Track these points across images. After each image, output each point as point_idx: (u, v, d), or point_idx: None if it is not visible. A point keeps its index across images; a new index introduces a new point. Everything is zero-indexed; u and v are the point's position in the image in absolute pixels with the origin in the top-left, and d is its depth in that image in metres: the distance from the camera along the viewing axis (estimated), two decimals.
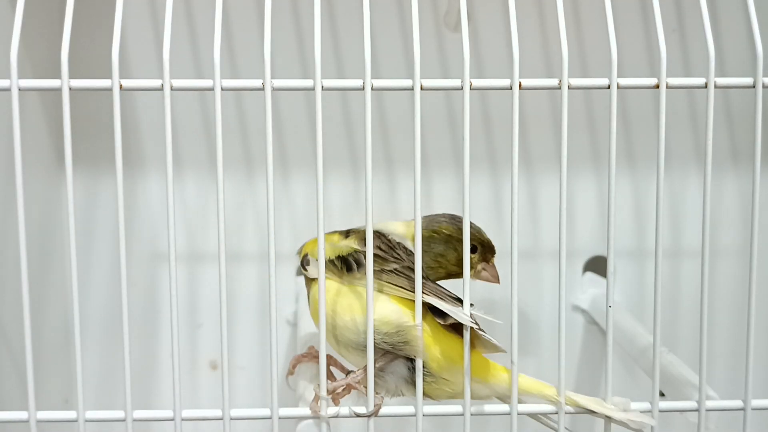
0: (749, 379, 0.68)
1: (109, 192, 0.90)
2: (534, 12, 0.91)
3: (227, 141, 0.74)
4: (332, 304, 0.69)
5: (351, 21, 0.90)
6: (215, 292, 0.73)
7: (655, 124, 0.65)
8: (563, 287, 0.65)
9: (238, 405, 0.67)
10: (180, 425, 0.66)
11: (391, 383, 0.68)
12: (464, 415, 0.67)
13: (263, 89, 0.63)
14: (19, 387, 0.77)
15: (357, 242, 0.71)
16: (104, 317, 0.92)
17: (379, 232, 0.72)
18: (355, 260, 0.70)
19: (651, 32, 0.91)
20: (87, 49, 0.83)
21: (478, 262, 0.74)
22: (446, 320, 0.68)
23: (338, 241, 0.72)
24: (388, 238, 0.73)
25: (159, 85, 0.63)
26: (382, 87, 0.64)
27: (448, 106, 0.92)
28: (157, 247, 0.93)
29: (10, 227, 0.69)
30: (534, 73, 0.68)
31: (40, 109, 0.87)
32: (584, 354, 0.96)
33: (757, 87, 0.65)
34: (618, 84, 0.64)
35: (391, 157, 0.93)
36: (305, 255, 0.73)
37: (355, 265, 0.70)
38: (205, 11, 0.90)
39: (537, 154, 0.93)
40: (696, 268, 0.84)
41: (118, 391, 0.74)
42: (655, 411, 0.67)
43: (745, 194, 0.94)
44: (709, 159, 0.66)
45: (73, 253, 0.64)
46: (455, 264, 0.73)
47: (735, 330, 0.94)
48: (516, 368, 0.66)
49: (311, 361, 0.75)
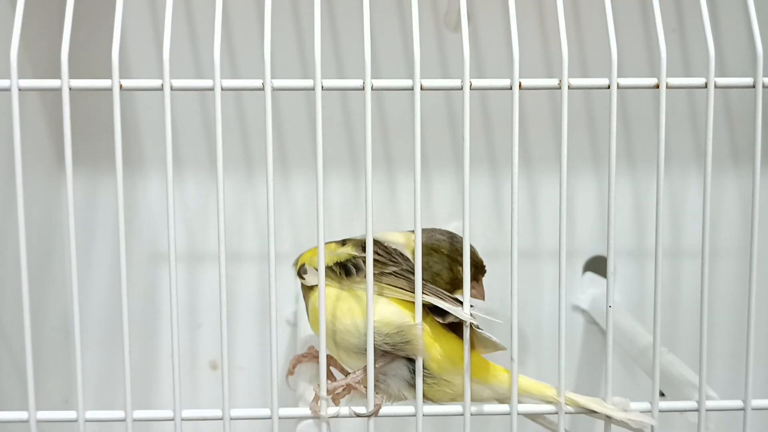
0: (749, 379, 0.68)
1: (109, 192, 0.90)
2: (534, 12, 0.91)
3: (227, 141, 0.74)
4: (332, 309, 0.69)
5: (351, 21, 0.90)
6: (215, 292, 0.73)
7: (655, 124, 0.65)
8: (563, 287, 0.65)
9: (238, 405, 0.67)
10: (180, 425, 0.66)
11: (393, 387, 0.68)
12: (464, 415, 0.67)
13: (263, 89, 0.63)
14: (19, 387, 0.77)
15: (354, 249, 0.72)
16: (104, 317, 0.92)
17: (376, 240, 0.73)
18: (354, 265, 0.70)
19: (651, 32, 0.91)
20: (87, 49, 0.83)
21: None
22: (445, 319, 0.68)
23: (335, 249, 0.73)
24: (384, 245, 0.73)
25: (159, 85, 0.63)
26: (382, 87, 0.64)
27: (448, 106, 0.92)
28: (157, 247, 0.93)
29: (10, 227, 0.69)
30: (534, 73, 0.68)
31: (40, 109, 0.87)
32: (584, 354, 0.96)
33: (757, 87, 0.65)
34: (618, 84, 0.64)
35: (391, 158, 0.93)
36: (302, 265, 0.73)
37: (354, 269, 0.70)
38: (205, 11, 0.90)
39: (537, 154, 0.93)
40: (696, 268, 0.84)
41: (118, 391, 0.74)
42: (655, 411, 0.67)
43: (745, 194, 0.94)
44: (709, 159, 0.66)
45: (73, 253, 0.64)
46: (448, 283, 0.73)
47: (735, 330, 0.94)
48: (516, 367, 0.66)
49: (311, 361, 0.75)
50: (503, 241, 0.70)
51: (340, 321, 0.69)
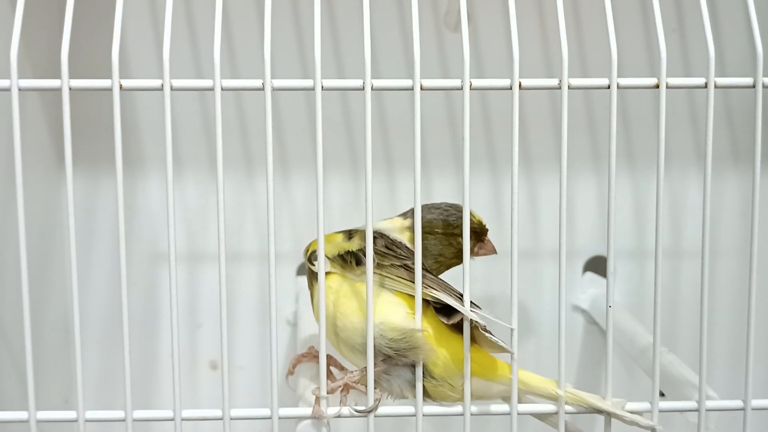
0: (749, 379, 0.68)
1: (109, 192, 0.90)
2: (534, 12, 0.91)
3: (227, 141, 0.74)
4: (338, 305, 0.69)
5: (351, 21, 0.90)
6: (215, 292, 0.73)
7: (655, 124, 0.65)
8: (563, 287, 0.65)
9: (238, 405, 0.67)
10: (180, 425, 0.66)
11: (395, 387, 0.68)
12: (464, 415, 0.67)
13: (263, 89, 0.63)
14: (19, 387, 0.77)
15: (362, 240, 0.71)
16: (104, 317, 0.92)
17: (380, 233, 0.73)
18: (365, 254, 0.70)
19: (651, 32, 0.91)
20: (87, 49, 0.83)
21: (473, 245, 0.74)
22: (450, 319, 0.67)
23: (343, 239, 0.73)
24: (390, 238, 0.73)
25: (159, 85, 0.63)
26: (382, 87, 0.64)
27: (448, 106, 0.92)
28: (157, 247, 0.93)
29: (10, 227, 0.69)
30: (534, 73, 0.68)
31: (40, 109, 0.87)
32: (584, 354, 0.96)
33: (757, 87, 0.65)
34: (618, 84, 0.64)
35: (391, 157, 0.93)
36: (313, 251, 0.72)
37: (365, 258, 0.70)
38: (205, 11, 0.90)
39: (537, 154, 0.93)
40: (696, 268, 0.84)
41: (118, 391, 0.74)
42: (655, 411, 0.67)
43: (745, 194, 0.94)
44: (709, 159, 0.65)
45: (73, 253, 0.64)
46: (454, 257, 0.74)
47: (735, 330, 0.94)
48: (516, 366, 0.66)
49: (311, 361, 0.75)
50: (503, 241, 0.70)
51: (348, 319, 0.69)
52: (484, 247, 0.76)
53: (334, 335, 0.70)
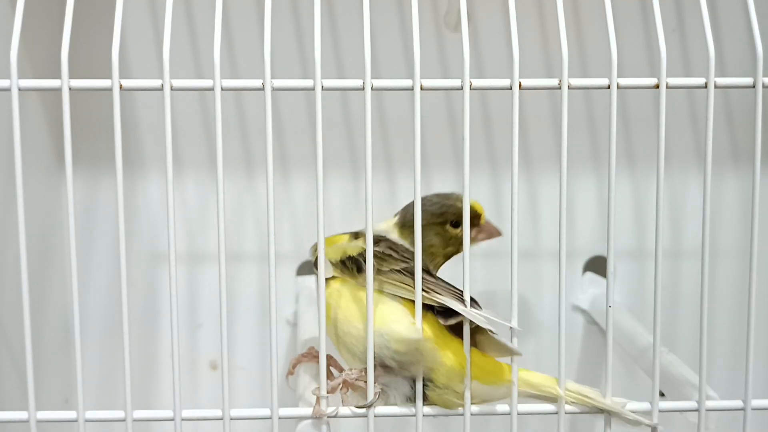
0: (749, 379, 0.68)
1: (109, 192, 0.90)
2: (534, 12, 0.91)
3: (227, 141, 0.74)
4: (341, 309, 0.69)
5: (351, 21, 0.90)
6: (215, 292, 0.73)
7: (655, 124, 0.65)
8: (563, 287, 0.65)
9: (238, 405, 0.67)
10: (180, 425, 0.66)
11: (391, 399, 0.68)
12: (464, 415, 0.67)
13: (263, 89, 0.63)
14: (19, 387, 0.77)
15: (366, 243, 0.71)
16: (104, 317, 0.92)
17: (381, 236, 0.72)
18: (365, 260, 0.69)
19: (651, 32, 0.91)
20: (87, 49, 0.83)
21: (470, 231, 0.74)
22: (448, 320, 0.67)
23: (348, 242, 0.72)
24: (393, 241, 0.73)
25: (159, 85, 0.63)
26: (382, 87, 0.64)
27: (448, 106, 0.92)
28: (157, 247, 0.93)
29: (10, 227, 0.69)
30: (534, 73, 0.68)
31: (40, 109, 0.87)
32: (584, 354, 0.96)
33: (757, 87, 0.65)
34: (618, 84, 0.64)
35: (391, 157, 0.93)
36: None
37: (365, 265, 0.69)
38: (205, 11, 0.90)
39: (537, 154, 0.93)
40: (696, 268, 0.84)
41: (118, 391, 0.74)
42: (655, 411, 0.67)
43: (745, 194, 0.94)
44: (709, 159, 0.66)
45: (73, 253, 0.64)
46: (446, 245, 0.73)
47: (735, 330, 0.94)
48: (516, 366, 0.66)
49: (311, 361, 0.75)
50: (503, 241, 0.70)
51: (350, 324, 0.68)
52: (483, 230, 0.75)
53: (335, 338, 0.70)
